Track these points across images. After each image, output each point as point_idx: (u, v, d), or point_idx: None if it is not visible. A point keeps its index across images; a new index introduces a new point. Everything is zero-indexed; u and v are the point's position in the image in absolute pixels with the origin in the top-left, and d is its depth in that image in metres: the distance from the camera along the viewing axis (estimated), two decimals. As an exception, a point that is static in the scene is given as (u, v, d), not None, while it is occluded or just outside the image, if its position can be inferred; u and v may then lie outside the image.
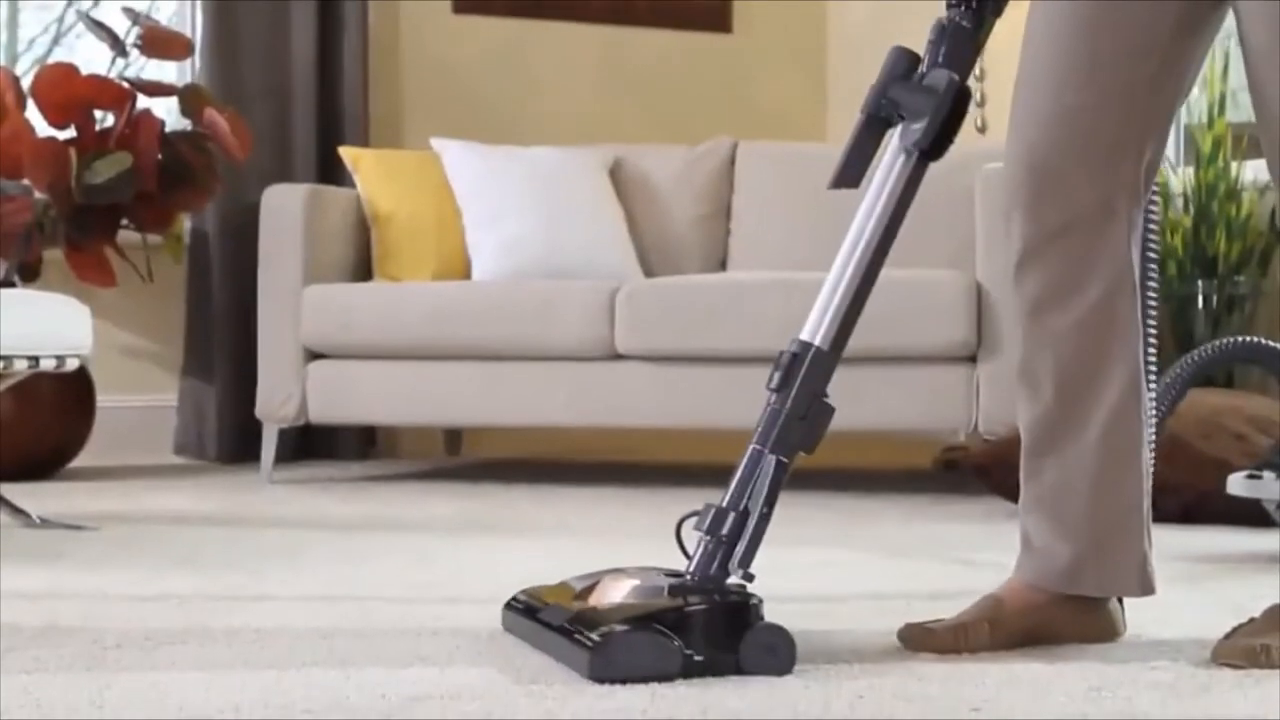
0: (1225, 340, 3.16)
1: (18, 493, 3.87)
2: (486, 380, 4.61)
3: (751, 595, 2.05)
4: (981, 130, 5.18)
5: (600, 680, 1.94)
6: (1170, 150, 5.11)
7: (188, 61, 5.32)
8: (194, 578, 2.87)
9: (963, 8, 2.21)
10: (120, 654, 2.15)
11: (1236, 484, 3.20)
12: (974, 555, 3.20)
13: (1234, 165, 4.75)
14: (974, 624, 2.19)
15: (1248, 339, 3.01)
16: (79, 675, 2.01)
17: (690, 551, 2.11)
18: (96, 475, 4.86)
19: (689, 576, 2.08)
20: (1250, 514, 3.36)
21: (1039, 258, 2.24)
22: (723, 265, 5.18)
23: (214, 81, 5.29)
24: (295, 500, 4.28)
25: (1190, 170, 4.88)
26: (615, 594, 2.10)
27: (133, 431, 5.40)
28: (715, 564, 2.07)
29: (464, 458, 5.64)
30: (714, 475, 4.82)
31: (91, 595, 2.66)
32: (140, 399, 5.47)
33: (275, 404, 4.79)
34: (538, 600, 2.24)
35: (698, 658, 1.96)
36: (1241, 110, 4.70)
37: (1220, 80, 4.76)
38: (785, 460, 2.12)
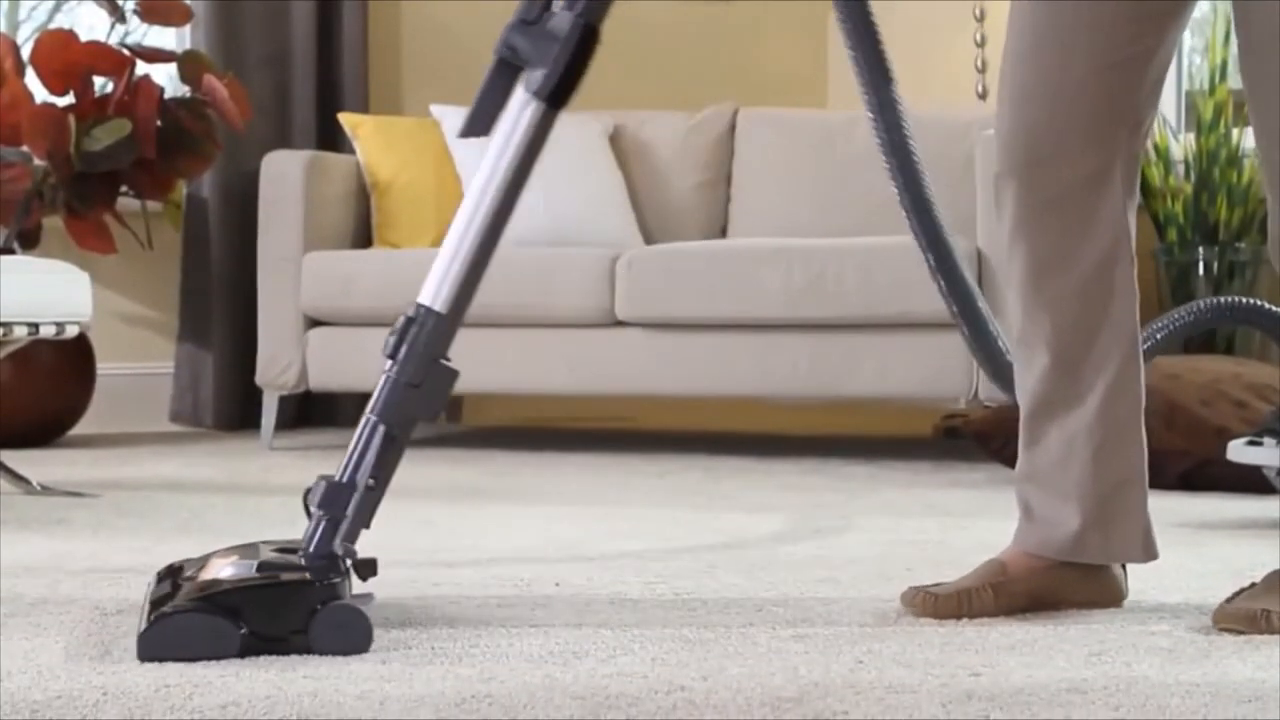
0: (1225, 299, 3.14)
1: (18, 460, 3.87)
2: (487, 347, 4.61)
3: (328, 575, 1.96)
4: (982, 97, 5.17)
5: (147, 660, 1.88)
6: (1171, 116, 5.10)
7: (187, 27, 5.30)
8: (195, 544, 2.86)
9: None
10: (121, 620, 2.15)
11: (1236, 450, 3.20)
12: (974, 521, 3.21)
13: (1235, 131, 4.74)
14: (978, 589, 2.20)
15: (1245, 300, 2.99)
16: (80, 641, 2.02)
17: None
18: (97, 442, 4.86)
19: (299, 553, 2.01)
20: (1250, 480, 3.36)
21: (1034, 225, 2.23)
22: (723, 232, 5.17)
23: (213, 48, 5.27)
24: (295, 467, 4.28)
25: (1191, 136, 4.87)
26: (214, 570, 2.01)
27: (133, 398, 5.40)
28: (320, 539, 2.01)
29: (464, 425, 5.64)
30: (713, 442, 4.84)
31: (92, 562, 2.67)
32: (140, 366, 5.47)
33: (275, 371, 4.79)
34: (165, 573, 2.15)
35: (258, 636, 1.90)
36: (1243, 76, 4.68)
37: (1222, 46, 4.75)
38: (396, 431, 2.06)
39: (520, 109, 2.12)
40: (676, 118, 5.30)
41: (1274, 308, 2.89)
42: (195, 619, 1.91)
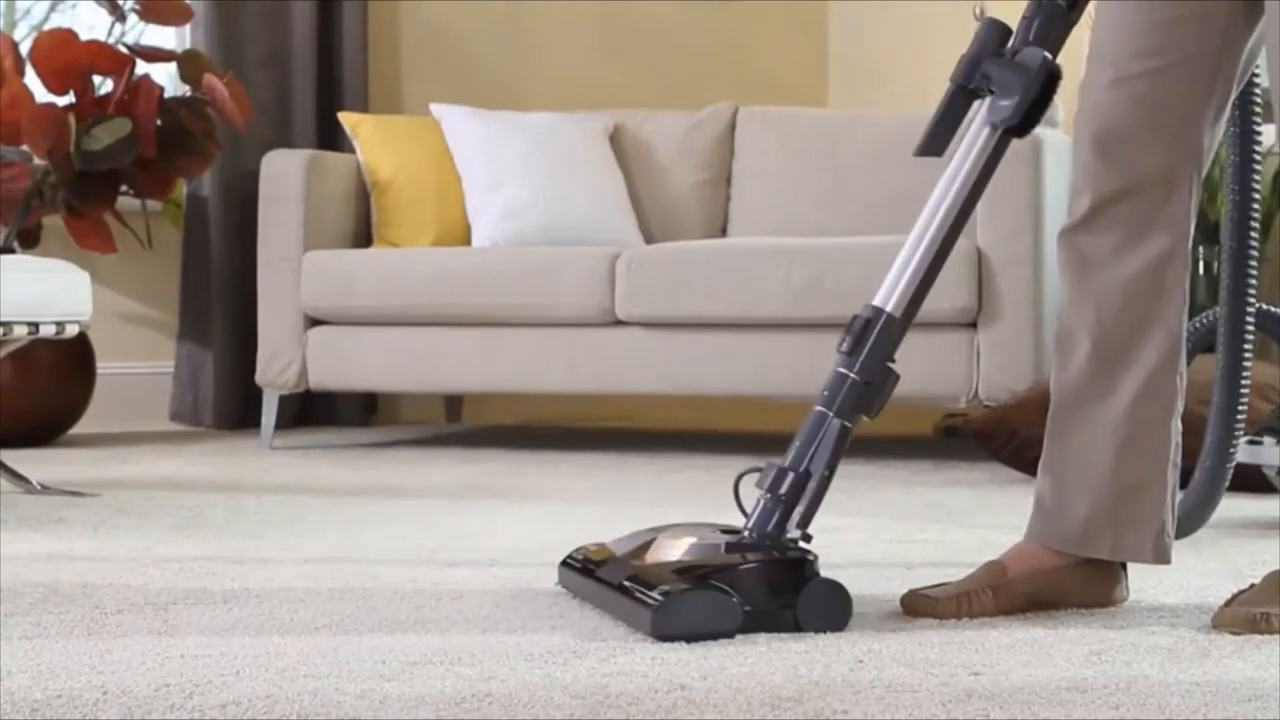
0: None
1: (18, 459, 3.87)
2: (487, 346, 4.61)
3: (808, 552, 2.08)
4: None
5: (663, 638, 1.97)
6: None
7: (187, 27, 5.30)
8: (195, 543, 2.87)
9: None
10: (121, 619, 2.15)
11: (1237, 450, 3.19)
12: (974, 521, 3.20)
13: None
14: (976, 591, 2.20)
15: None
16: (80, 640, 2.02)
17: (748, 510, 2.14)
18: (97, 441, 4.86)
19: (746, 534, 2.11)
20: (1251, 480, 3.36)
21: (1098, 221, 2.25)
22: (723, 231, 5.17)
23: (213, 47, 5.27)
24: (296, 466, 4.28)
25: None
26: (673, 551, 2.12)
27: (133, 398, 5.40)
28: (773, 522, 2.11)
29: (464, 424, 5.64)
30: (713, 442, 4.83)
31: (92, 560, 2.67)
32: (140, 365, 5.47)
33: (275, 371, 4.79)
34: (594, 558, 2.26)
35: (756, 613, 2.00)
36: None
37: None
38: (849, 425, 2.15)
39: (979, 131, 2.22)
40: (676, 117, 5.30)
41: (1274, 309, 2.90)
42: (703, 596, 1.99)
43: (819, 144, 5.07)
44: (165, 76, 5.14)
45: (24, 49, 4.74)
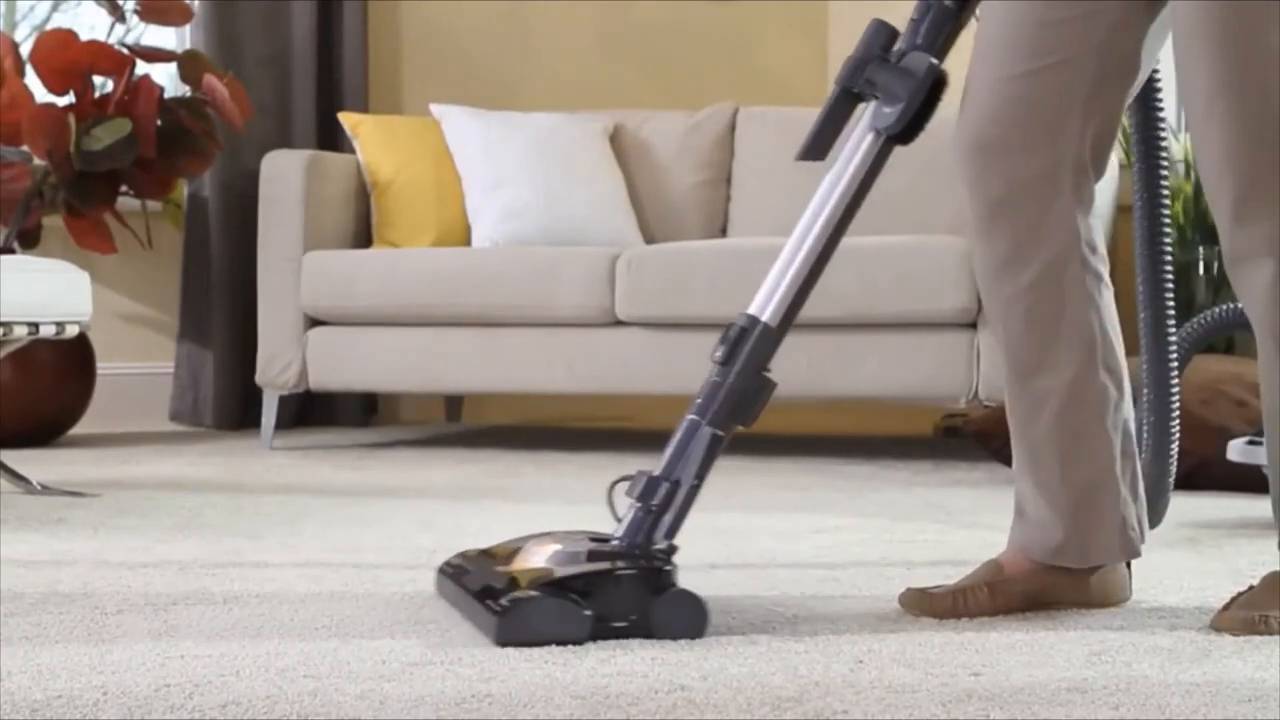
0: (1225, 307, 3.16)
1: (18, 459, 3.87)
2: (487, 347, 4.61)
3: (665, 562, 2.06)
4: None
5: (505, 645, 1.95)
6: (1171, 116, 5.10)
7: (187, 27, 5.30)
8: (195, 544, 2.87)
9: None
10: (121, 620, 2.15)
11: (1237, 450, 3.20)
12: (974, 521, 3.21)
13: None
14: (973, 588, 2.20)
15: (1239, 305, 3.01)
16: (80, 641, 2.02)
17: (621, 515, 2.13)
18: (97, 442, 4.86)
19: (616, 542, 2.09)
20: (1250, 480, 3.36)
21: (987, 230, 2.24)
22: (723, 231, 5.17)
23: (213, 47, 5.27)
24: (296, 467, 4.28)
25: (1190, 136, 4.87)
26: (536, 558, 2.11)
27: (133, 398, 5.41)
28: (642, 532, 2.09)
29: (464, 424, 5.64)
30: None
31: (92, 561, 2.67)
32: (140, 366, 5.47)
33: (275, 371, 4.79)
34: (467, 565, 2.25)
35: (607, 622, 1.99)
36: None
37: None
38: (721, 434, 2.13)
39: (862, 137, 2.20)
40: (676, 118, 5.30)
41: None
42: (549, 603, 1.98)
43: (819, 144, 5.06)
44: (165, 77, 5.14)
45: (25, 49, 4.74)
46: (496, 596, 2.02)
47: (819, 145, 2.21)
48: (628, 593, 2.01)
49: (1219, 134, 2.06)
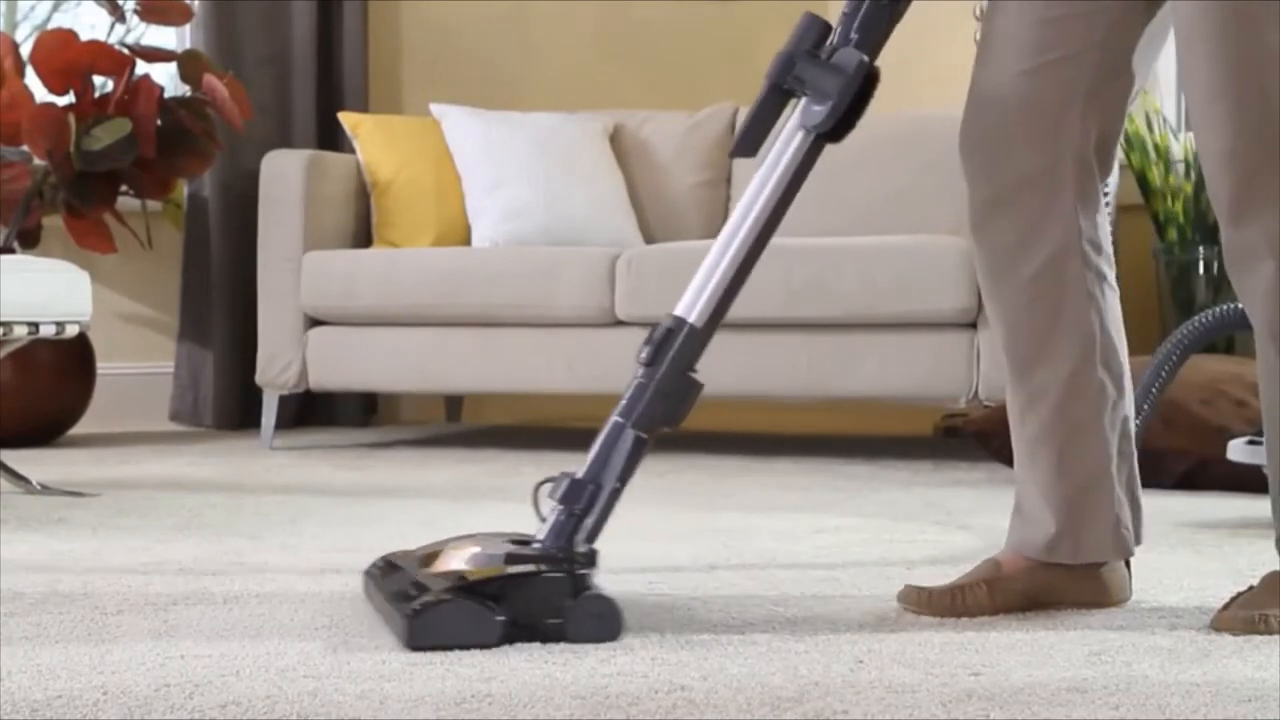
0: (1225, 307, 3.16)
1: (18, 459, 3.87)
2: (487, 347, 4.61)
3: (584, 565, 2.03)
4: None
5: (416, 649, 1.93)
6: (1171, 116, 5.10)
7: (187, 27, 5.30)
8: (195, 544, 2.87)
9: None
10: (121, 620, 2.15)
11: (1237, 450, 3.20)
12: (974, 520, 3.21)
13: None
14: (971, 586, 2.20)
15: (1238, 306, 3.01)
16: (80, 641, 2.02)
17: (545, 516, 2.11)
18: (97, 442, 4.86)
19: (537, 545, 2.07)
20: (1250, 480, 3.35)
21: (988, 223, 2.24)
22: (723, 231, 5.16)
23: (213, 47, 5.27)
24: (296, 467, 4.28)
25: (1191, 136, 4.87)
26: (454, 561, 2.09)
27: (133, 398, 5.40)
28: (564, 535, 2.07)
29: (464, 424, 5.64)
30: (713, 442, 4.83)
31: (92, 561, 2.67)
32: (140, 365, 5.47)
33: (275, 371, 4.79)
34: (389, 567, 2.23)
35: (519, 625, 1.97)
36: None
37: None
38: (645, 436, 2.12)
39: (791, 135, 2.18)
40: (676, 118, 5.30)
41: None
42: (460, 607, 1.96)
43: (819, 144, 5.06)
44: (165, 76, 5.14)
45: (25, 49, 4.74)
46: (409, 600, 2.00)
47: (749, 142, 2.19)
48: (543, 596, 1.99)
49: (1219, 133, 2.06)
